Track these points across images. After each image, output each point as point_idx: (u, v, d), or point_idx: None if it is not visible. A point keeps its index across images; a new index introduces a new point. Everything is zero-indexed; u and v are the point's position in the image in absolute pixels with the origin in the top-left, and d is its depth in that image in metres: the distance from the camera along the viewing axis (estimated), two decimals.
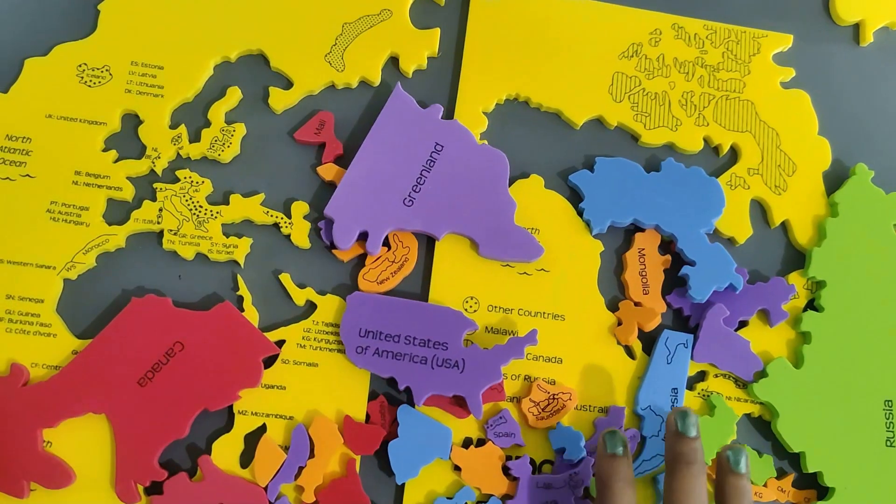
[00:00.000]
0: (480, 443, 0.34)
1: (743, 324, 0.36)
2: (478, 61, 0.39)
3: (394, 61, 0.39)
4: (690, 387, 0.36)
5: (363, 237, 0.36)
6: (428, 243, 0.37)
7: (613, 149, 0.39)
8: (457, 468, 0.34)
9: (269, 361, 0.35)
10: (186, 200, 0.36)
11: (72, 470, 0.33)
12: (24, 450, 0.32)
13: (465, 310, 0.36)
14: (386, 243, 0.36)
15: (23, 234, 0.35)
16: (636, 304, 0.36)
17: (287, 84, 0.38)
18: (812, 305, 0.37)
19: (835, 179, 0.39)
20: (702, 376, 0.36)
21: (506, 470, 0.34)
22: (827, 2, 0.42)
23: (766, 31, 0.40)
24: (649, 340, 0.36)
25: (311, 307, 0.36)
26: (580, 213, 0.37)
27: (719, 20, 0.40)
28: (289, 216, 0.36)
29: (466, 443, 0.34)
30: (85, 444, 0.33)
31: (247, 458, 0.34)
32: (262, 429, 0.34)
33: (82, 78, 0.38)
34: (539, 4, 0.40)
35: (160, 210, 0.36)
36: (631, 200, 0.37)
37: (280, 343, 0.35)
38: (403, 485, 0.33)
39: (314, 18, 0.39)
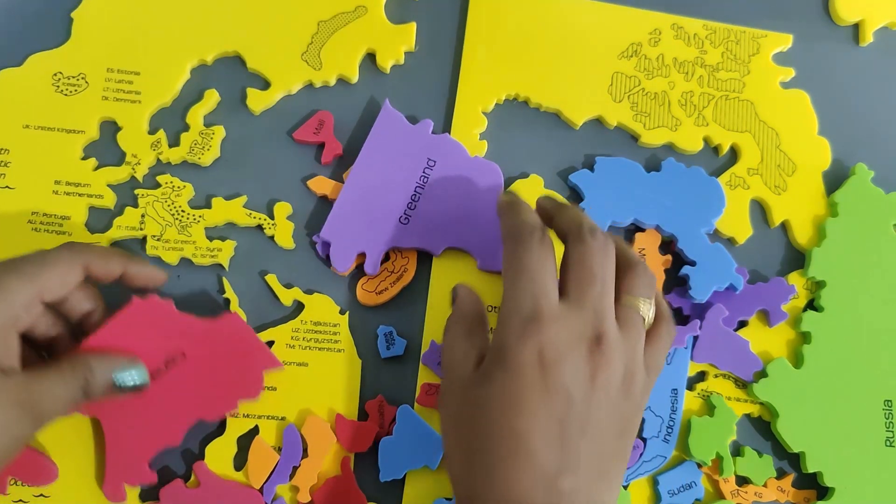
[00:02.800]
0: None
1: (743, 324, 0.38)
2: (477, 61, 0.41)
3: (371, 58, 0.41)
4: (690, 387, 0.37)
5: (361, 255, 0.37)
6: (427, 254, 0.38)
7: (613, 149, 0.41)
8: None
9: None
10: (168, 205, 0.38)
11: (55, 466, 0.33)
12: None
13: None
14: (385, 255, 0.38)
15: (5, 245, 0.37)
16: None
17: (264, 84, 0.40)
18: (812, 305, 0.39)
19: (835, 179, 0.40)
20: (702, 376, 0.38)
21: None
22: (827, 2, 0.44)
23: (766, 31, 0.42)
24: None
25: (298, 307, 0.37)
26: None
27: (719, 20, 0.42)
28: (272, 217, 0.38)
29: None
30: (70, 441, 0.34)
31: (240, 461, 0.35)
32: (255, 430, 0.35)
33: (58, 87, 0.39)
34: (539, 4, 0.42)
35: (142, 216, 0.37)
36: (631, 200, 0.39)
37: (269, 344, 0.36)
38: (403, 485, 0.35)
39: (289, 18, 0.41)
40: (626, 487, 0.36)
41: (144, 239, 0.37)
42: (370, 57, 0.41)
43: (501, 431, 0.28)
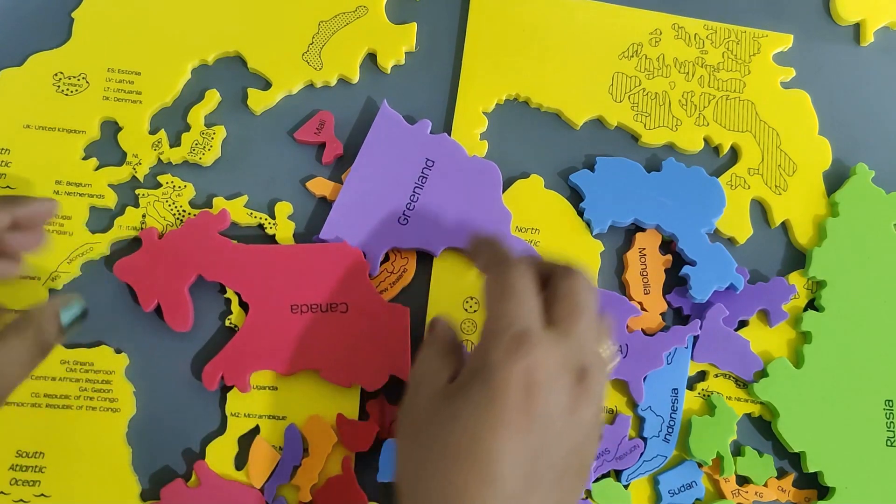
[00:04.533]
0: None
1: (743, 324, 0.39)
2: (478, 61, 0.41)
3: (371, 58, 0.42)
4: (691, 386, 0.38)
5: None
6: (427, 254, 0.39)
7: (613, 149, 0.41)
8: None
9: None
10: (169, 205, 0.38)
11: (192, 320, 0.36)
12: (175, 279, 0.36)
13: (465, 310, 0.38)
14: (384, 255, 0.38)
15: None
16: (638, 304, 0.39)
17: (265, 84, 0.41)
18: (812, 305, 0.39)
19: (835, 179, 0.41)
20: (702, 376, 0.38)
21: None
22: (827, 2, 0.45)
23: (766, 31, 0.43)
24: None
25: None
26: (581, 213, 0.40)
27: (719, 20, 0.43)
28: (272, 217, 0.39)
29: None
30: (68, 440, 0.35)
31: (241, 461, 0.36)
32: (256, 430, 0.36)
33: (59, 87, 0.39)
34: (539, 4, 0.43)
35: (143, 216, 0.38)
36: (632, 200, 0.39)
37: None
38: None
39: (290, 18, 0.41)
40: (626, 487, 0.37)
41: None
42: (371, 57, 0.42)
43: (469, 449, 0.26)
